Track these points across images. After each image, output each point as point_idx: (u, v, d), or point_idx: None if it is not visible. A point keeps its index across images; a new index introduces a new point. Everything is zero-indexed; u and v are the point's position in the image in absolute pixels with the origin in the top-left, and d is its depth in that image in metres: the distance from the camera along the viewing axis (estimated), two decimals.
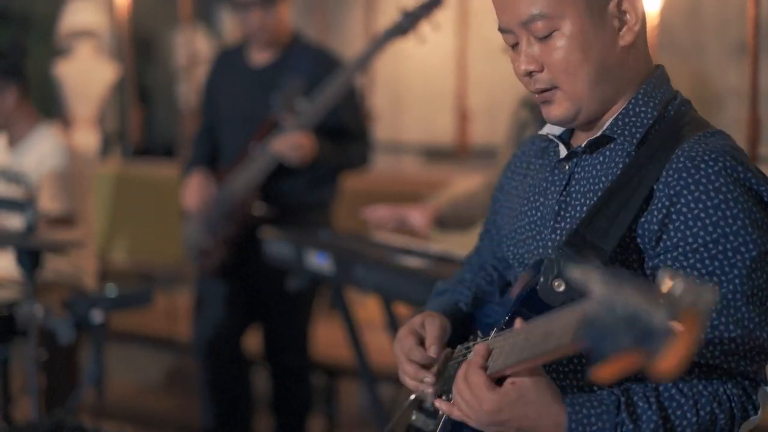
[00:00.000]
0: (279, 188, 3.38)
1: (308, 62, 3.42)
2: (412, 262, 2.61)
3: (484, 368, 1.41)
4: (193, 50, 5.80)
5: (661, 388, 1.40)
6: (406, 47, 3.17)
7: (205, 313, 3.57)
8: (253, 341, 3.76)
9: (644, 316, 1.01)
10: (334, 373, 4.10)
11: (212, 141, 3.61)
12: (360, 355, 2.85)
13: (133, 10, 5.93)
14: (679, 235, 1.42)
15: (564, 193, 1.58)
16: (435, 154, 6.12)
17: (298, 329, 3.55)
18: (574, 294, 1.39)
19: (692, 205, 1.41)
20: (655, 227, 1.44)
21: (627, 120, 1.53)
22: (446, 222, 3.00)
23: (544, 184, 1.64)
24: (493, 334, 1.56)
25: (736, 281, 1.39)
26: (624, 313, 1.02)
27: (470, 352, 1.61)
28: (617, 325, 1.03)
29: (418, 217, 2.90)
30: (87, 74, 6.43)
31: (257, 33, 3.41)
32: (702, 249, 1.40)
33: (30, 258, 3.00)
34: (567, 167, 1.60)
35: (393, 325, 2.90)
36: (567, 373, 1.52)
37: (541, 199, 1.63)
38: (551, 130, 1.66)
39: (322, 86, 3.26)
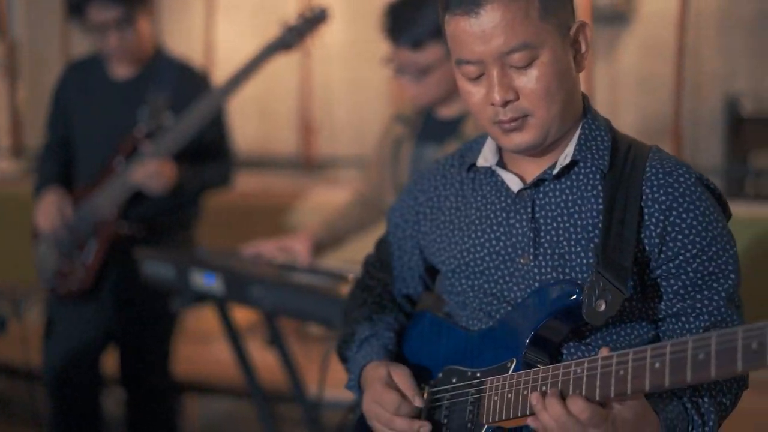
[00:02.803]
0: (142, 207, 3.28)
1: (173, 76, 3.34)
2: (310, 279, 2.61)
3: (587, 399, 1.42)
4: None
5: (705, 383, 1.54)
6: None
7: (58, 337, 3.40)
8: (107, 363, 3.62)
9: None
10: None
11: (64, 156, 3.45)
12: (249, 373, 2.82)
13: None
14: (678, 244, 1.56)
15: (532, 220, 1.63)
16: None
17: (161, 349, 3.47)
18: (611, 312, 1.50)
19: (684, 215, 1.56)
20: (656, 240, 1.57)
21: (589, 144, 1.62)
22: (323, 244, 3.03)
23: (504, 215, 1.67)
24: (513, 365, 1.57)
25: (732, 276, 1.58)
26: None
27: (469, 390, 1.62)
28: None
29: (299, 246, 2.92)
30: None
31: (117, 53, 3.29)
32: (701, 253, 1.56)
33: None
34: (527, 195, 1.65)
35: (277, 339, 2.91)
36: None
37: (503, 229, 1.67)
38: (485, 162, 1.71)
39: (193, 104, 3.18)
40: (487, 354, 1.63)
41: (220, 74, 4.64)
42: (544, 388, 1.48)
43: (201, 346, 4.30)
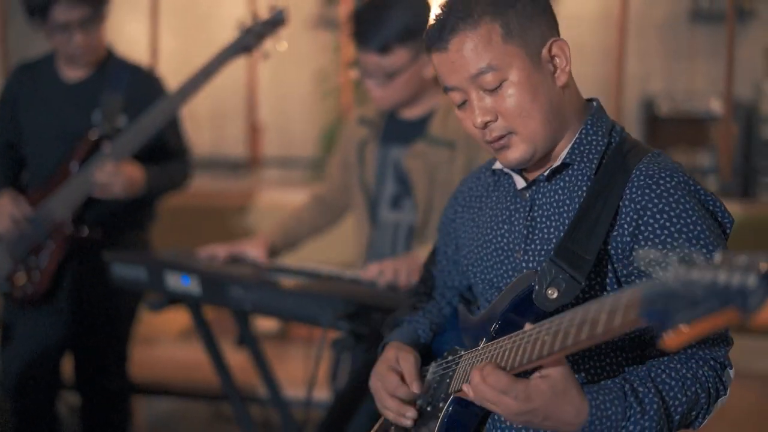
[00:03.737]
0: (98, 210, 3.25)
1: (126, 78, 3.31)
2: (289, 278, 2.63)
3: (501, 368, 1.51)
4: None
5: (653, 375, 1.57)
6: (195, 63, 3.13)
7: (16, 343, 3.34)
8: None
9: (731, 279, 1.12)
10: None
11: (12, 160, 3.40)
12: (225, 374, 2.83)
13: None
14: (649, 243, 1.61)
15: (529, 218, 1.74)
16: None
17: (119, 352, 3.44)
18: (565, 300, 1.58)
19: (658, 216, 1.60)
20: (628, 239, 1.63)
21: (582, 148, 1.71)
22: (278, 249, 3.06)
23: (507, 213, 1.79)
24: (483, 343, 1.70)
25: None
26: (701, 281, 1.15)
27: (451, 365, 1.77)
28: (695, 294, 1.15)
29: (255, 251, 2.95)
30: None
31: (79, 54, 3.25)
32: None
33: None
34: (527, 195, 1.76)
35: (250, 340, 2.92)
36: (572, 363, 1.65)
37: (506, 227, 1.78)
38: (500, 165, 1.82)
39: (149, 106, 3.17)
40: (474, 335, 1.77)
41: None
42: (485, 359, 1.61)
43: (144, 348, 4.27)
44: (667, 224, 1.59)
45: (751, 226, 4.41)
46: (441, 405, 1.74)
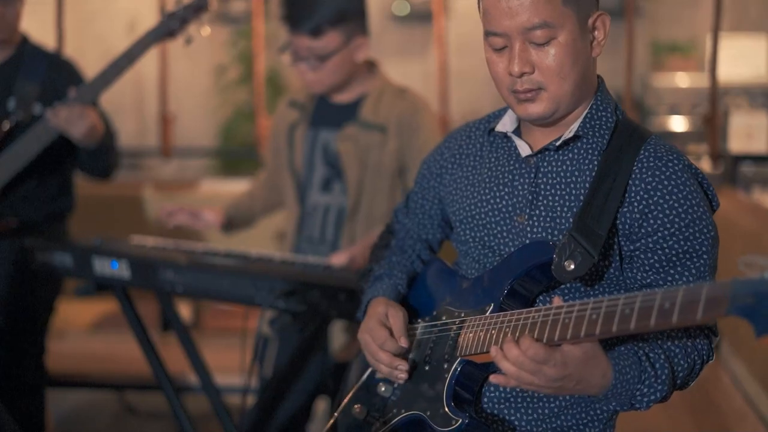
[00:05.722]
0: (15, 199, 3.21)
1: (43, 66, 3.26)
2: (219, 260, 2.65)
3: (537, 341, 1.59)
4: None
5: (661, 343, 1.71)
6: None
7: None
8: None
9: None
10: None
11: None
12: (157, 363, 2.82)
13: None
14: (658, 222, 1.73)
15: (533, 184, 1.82)
16: None
17: (36, 344, 3.39)
18: (579, 273, 1.68)
19: (667, 197, 1.73)
20: (637, 215, 1.74)
21: (593, 122, 1.81)
22: (232, 224, 3.11)
23: (509, 177, 1.86)
24: (490, 309, 1.77)
25: (705, 256, 1.74)
26: None
27: (451, 326, 1.83)
28: None
29: (211, 214, 3.02)
30: None
31: None
32: (678, 233, 1.73)
33: None
34: (533, 162, 1.83)
35: (179, 326, 2.93)
36: None
37: (507, 190, 1.85)
38: (504, 128, 1.89)
39: (66, 94, 3.13)
40: (473, 298, 1.84)
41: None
42: (507, 330, 1.69)
43: (52, 340, 4.23)
44: (675, 205, 1.72)
45: None
46: (446, 366, 1.80)
